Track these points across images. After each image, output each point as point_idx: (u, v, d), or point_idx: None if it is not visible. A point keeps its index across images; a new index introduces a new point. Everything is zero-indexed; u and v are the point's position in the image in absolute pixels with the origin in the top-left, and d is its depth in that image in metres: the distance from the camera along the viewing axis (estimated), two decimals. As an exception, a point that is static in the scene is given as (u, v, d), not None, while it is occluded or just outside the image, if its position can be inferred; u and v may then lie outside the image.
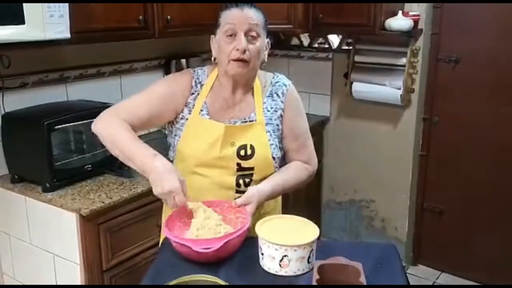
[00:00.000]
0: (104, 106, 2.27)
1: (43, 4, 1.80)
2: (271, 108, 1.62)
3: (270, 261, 1.34)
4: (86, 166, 2.18)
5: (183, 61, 3.00)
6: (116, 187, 2.12)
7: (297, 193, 2.18)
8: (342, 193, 3.51)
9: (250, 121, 1.60)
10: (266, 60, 1.61)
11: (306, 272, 1.33)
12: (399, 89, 2.99)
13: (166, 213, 1.70)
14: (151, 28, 2.40)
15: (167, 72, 2.97)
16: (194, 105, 1.61)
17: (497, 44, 2.88)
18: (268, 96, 1.63)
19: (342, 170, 3.46)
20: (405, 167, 3.22)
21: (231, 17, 1.53)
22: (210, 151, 1.56)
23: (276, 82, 1.65)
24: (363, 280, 1.21)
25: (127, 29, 2.29)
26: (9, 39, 1.74)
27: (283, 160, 1.70)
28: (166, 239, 1.56)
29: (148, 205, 2.16)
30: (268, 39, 1.60)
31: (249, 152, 1.57)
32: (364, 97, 3.17)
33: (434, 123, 3.17)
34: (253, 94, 1.63)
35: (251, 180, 1.59)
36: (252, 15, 1.53)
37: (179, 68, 2.98)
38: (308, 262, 1.33)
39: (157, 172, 1.41)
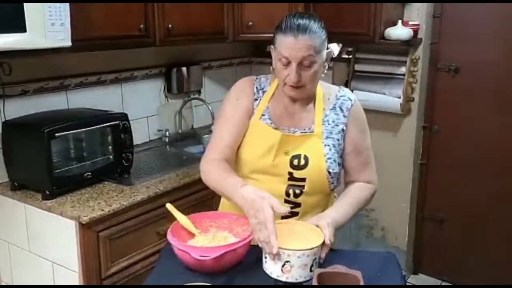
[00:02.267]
0: (105, 114, 2.30)
1: (44, 12, 1.81)
2: (333, 121, 1.60)
3: (273, 265, 1.33)
4: (86, 174, 2.18)
5: (184, 69, 3.00)
6: (115, 194, 2.12)
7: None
8: (342, 201, 3.50)
9: (310, 132, 1.58)
10: (325, 71, 1.57)
11: (308, 280, 1.32)
12: (399, 97, 3.00)
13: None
14: (152, 37, 2.41)
15: (168, 80, 2.98)
16: (256, 111, 1.62)
17: (496, 53, 2.89)
18: (331, 109, 1.61)
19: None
20: (405, 175, 3.21)
21: (285, 47, 1.46)
22: (264, 158, 1.56)
23: (341, 96, 1.63)
24: (362, 288, 1.21)
25: (128, 37, 2.30)
26: (11, 47, 1.75)
27: (339, 180, 1.67)
28: (166, 246, 1.57)
29: (147, 213, 2.16)
30: (329, 50, 1.55)
31: (302, 162, 1.55)
32: (364, 105, 3.09)
33: (434, 131, 3.17)
34: (314, 105, 1.61)
35: (301, 192, 1.57)
36: (306, 44, 1.45)
37: (179, 77, 2.99)
38: (311, 270, 1.32)
39: (246, 201, 1.37)
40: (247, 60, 3.60)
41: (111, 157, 2.29)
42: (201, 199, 2.36)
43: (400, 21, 2.83)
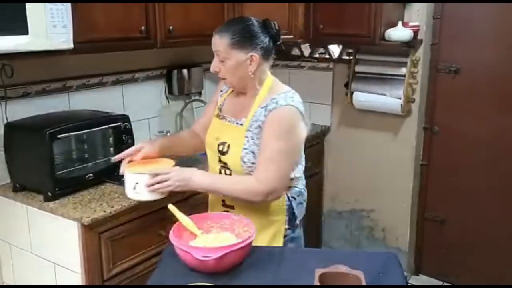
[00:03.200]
0: (106, 115, 2.30)
1: (46, 14, 1.81)
2: (256, 119, 1.75)
3: (127, 188, 1.75)
4: (88, 175, 2.18)
5: (185, 71, 3.01)
6: (117, 196, 2.12)
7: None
8: (343, 202, 3.51)
9: (240, 124, 1.79)
10: (250, 72, 1.74)
11: (156, 200, 1.76)
12: (400, 98, 3.01)
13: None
14: (153, 38, 2.41)
15: (169, 81, 2.99)
16: (219, 101, 1.94)
17: (497, 54, 2.90)
18: (262, 107, 1.74)
19: (343, 179, 3.46)
20: (406, 176, 3.22)
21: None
22: (208, 138, 1.89)
23: (274, 99, 1.73)
24: (364, 288, 1.22)
25: (129, 39, 2.31)
26: (13, 49, 1.76)
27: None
28: (168, 247, 1.57)
29: (149, 214, 2.16)
30: (252, 53, 1.72)
31: (225, 149, 1.78)
32: (365, 106, 3.18)
33: (434, 132, 3.18)
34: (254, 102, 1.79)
35: (230, 173, 1.80)
36: (215, 42, 1.75)
37: (180, 78, 3.00)
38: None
39: None
40: (247, 62, 3.60)
41: (112, 158, 2.29)
42: (203, 200, 2.36)
43: (400, 22, 2.84)
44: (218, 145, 1.80)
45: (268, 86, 1.79)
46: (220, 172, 1.82)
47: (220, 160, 1.81)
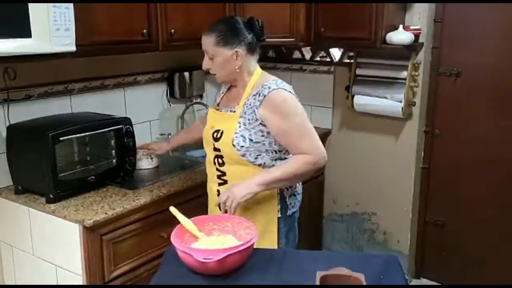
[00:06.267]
0: (108, 118, 2.31)
1: (49, 17, 1.82)
2: (250, 104, 1.87)
3: None
4: (90, 178, 2.19)
5: (186, 74, 3.02)
6: (119, 198, 2.13)
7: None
8: (344, 205, 3.51)
9: (232, 111, 1.92)
10: (237, 66, 1.89)
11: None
12: (400, 102, 3.01)
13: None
14: (154, 41, 2.42)
15: (171, 84, 3.00)
16: (217, 97, 2.12)
17: (497, 58, 2.90)
18: (254, 95, 1.87)
19: (344, 182, 3.47)
20: (407, 179, 3.22)
21: None
22: (205, 130, 2.00)
23: (265, 85, 1.86)
24: (365, 290, 1.22)
25: (131, 42, 2.32)
26: (16, 52, 1.76)
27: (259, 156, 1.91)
28: (169, 250, 1.58)
29: (151, 216, 2.17)
30: (236, 49, 1.86)
31: (219, 135, 1.90)
32: (366, 110, 3.19)
33: (435, 136, 3.18)
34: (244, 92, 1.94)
35: (223, 161, 1.92)
36: (204, 42, 1.90)
37: (182, 81, 3.01)
38: None
39: None
40: (249, 65, 3.61)
41: (114, 161, 2.30)
42: (204, 202, 2.36)
43: (401, 25, 2.84)
44: (213, 133, 1.92)
45: (257, 76, 1.94)
46: (214, 162, 1.95)
47: (214, 148, 1.93)
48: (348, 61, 3.28)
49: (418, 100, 3.09)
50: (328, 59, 3.39)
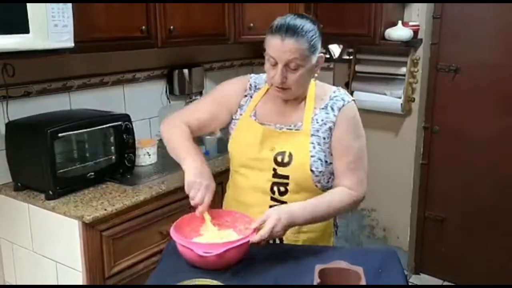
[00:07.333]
0: (107, 114, 2.31)
1: (47, 13, 1.82)
2: (321, 120, 1.58)
3: None
4: (89, 174, 2.19)
5: (186, 71, 3.02)
6: (118, 194, 2.13)
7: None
8: (344, 202, 3.51)
9: (296, 129, 1.59)
10: (316, 75, 1.62)
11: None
12: (400, 98, 3.01)
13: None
14: (153, 38, 2.42)
15: (170, 81, 2.99)
16: (246, 107, 1.67)
17: (496, 54, 2.91)
18: (323, 108, 1.59)
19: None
20: (406, 175, 3.22)
21: (272, 48, 1.49)
22: (248, 152, 1.60)
23: (335, 96, 1.61)
24: (364, 283, 1.22)
25: (130, 39, 2.32)
26: (14, 48, 1.76)
27: (329, 180, 1.63)
28: (168, 245, 1.58)
29: (150, 212, 2.17)
30: (321, 55, 1.56)
31: (286, 159, 1.55)
32: (365, 106, 3.18)
33: (434, 132, 3.18)
34: (305, 104, 1.61)
35: (286, 189, 1.57)
36: (292, 47, 1.46)
37: (181, 78, 3.00)
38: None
39: (186, 167, 1.56)
40: (248, 62, 3.62)
41: (113, 157, 2.30)
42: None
43: (400, 22, 2.85)
44: (276, 156, 1.56)
45: (314, 85, 1.64)
46: (272, 190, 1.58)
47: (275, 175, 1.57)
48: (348, 57, 3.28)
49: (417, 96, 3.09)
50: (328, 56, 3.39)
